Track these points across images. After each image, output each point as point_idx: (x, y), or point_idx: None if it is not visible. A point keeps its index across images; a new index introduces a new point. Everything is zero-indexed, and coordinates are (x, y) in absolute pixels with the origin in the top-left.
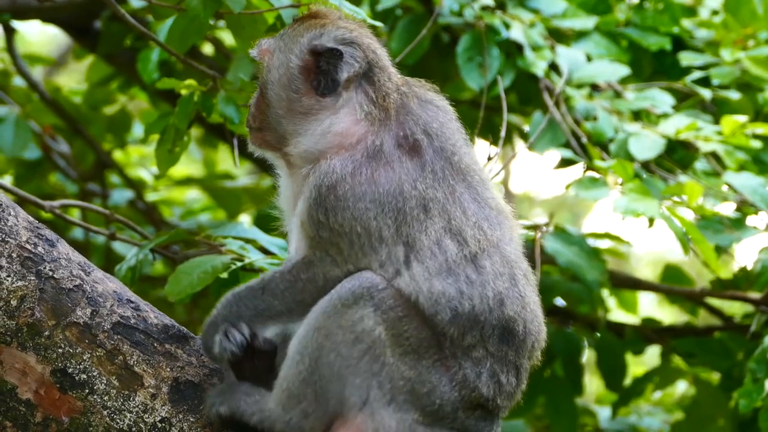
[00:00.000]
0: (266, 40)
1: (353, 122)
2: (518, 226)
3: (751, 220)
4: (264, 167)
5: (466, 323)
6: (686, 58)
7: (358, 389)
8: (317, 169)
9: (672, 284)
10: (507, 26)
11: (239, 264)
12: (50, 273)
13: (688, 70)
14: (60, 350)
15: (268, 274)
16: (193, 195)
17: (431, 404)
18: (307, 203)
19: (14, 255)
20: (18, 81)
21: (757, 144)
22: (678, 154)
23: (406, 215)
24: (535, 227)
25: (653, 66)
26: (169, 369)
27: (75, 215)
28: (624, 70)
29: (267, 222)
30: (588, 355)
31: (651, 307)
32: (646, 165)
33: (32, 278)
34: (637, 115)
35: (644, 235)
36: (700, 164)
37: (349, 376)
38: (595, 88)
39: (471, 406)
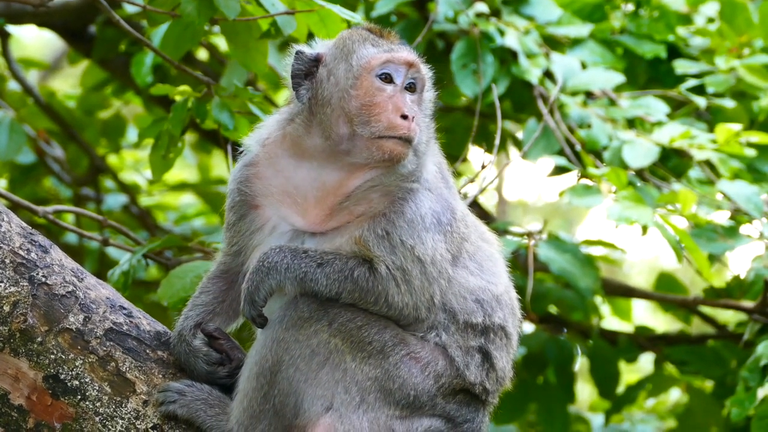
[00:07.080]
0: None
1: None
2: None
3: (744, 229)
4: None
5: (493, 305)
6: (681, 66)
7: (320, 399)
8: (422, 193)
9: (665, 292)
10: (502, 33)
11: None
12: (43, 279)
13: (683, 78)
14: (52, 356)
15: (330, 254)
16: (188, 200)
17: (405, 397)
18: (403, 222)
19: (7, 261)
20: (12, 85)
21: (751, 152)
22: (672, 162)
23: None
24: (528, 234)
25: (648, 74)
26: (161, 376)
27: (69, 220)
28: (619, 78)
29: None
30: (581, 363)
31: (644, 314)
32: (640, 173)
33: (25, 284)
34: (632, 123)
35: (638, 242)
36: (694, 172)
37: (309, 388)
38: (589, 95)
39: (451, 392)
